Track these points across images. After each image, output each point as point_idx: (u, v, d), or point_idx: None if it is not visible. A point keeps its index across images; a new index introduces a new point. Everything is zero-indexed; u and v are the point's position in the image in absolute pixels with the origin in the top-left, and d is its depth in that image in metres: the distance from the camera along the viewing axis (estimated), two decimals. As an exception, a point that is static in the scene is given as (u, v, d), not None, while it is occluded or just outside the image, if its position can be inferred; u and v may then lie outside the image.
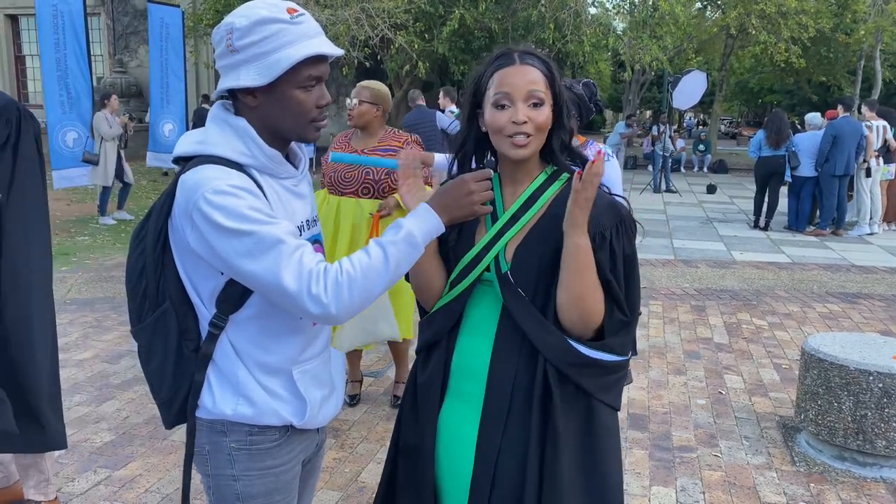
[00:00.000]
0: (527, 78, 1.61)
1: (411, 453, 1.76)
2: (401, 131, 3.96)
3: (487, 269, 1.68)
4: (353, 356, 4.20)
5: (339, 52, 1.49)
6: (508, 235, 1.67)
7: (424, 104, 9.45)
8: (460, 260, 1.71)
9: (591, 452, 1.66)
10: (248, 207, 1.39)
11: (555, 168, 1.72)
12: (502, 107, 1.61)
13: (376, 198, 3.81)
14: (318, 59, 1.47)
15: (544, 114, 1.62)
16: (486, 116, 1.65)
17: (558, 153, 1.70)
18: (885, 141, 10.12)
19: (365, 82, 3.93)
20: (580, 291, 1.59)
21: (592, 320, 1.63)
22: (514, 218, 1.68)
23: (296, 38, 1.43)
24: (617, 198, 1.71)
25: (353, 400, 4.17)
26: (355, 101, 3.81)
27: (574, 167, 1.73)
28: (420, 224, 1.49)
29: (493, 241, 1.68)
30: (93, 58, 9.84)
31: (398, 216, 3.75)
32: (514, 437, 1.65)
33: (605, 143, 14.11)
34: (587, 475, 1.65)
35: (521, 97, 1.60)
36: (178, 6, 11.85)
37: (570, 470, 1.62)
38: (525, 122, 1.59)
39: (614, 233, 1.64)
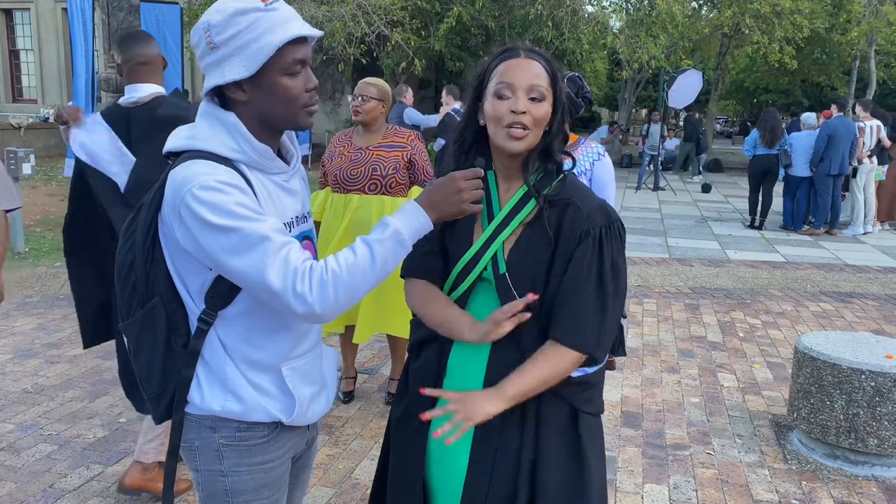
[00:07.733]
0: (531, 71, 1.61)
1: (401, 444, 1.75)
2: (401, 128, 3.95)
3: (485, 268, 1.67)
4: (349, 353, 4.19)
5: (318, 32, 1.49)
6: (504, 234, 1.65)
7: (405, 100, 9.45)
8: (458, 261, 1.69)
9: (576, 460, 1.66)
10: (235, 203, 1.38)
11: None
12: (503, 97, 1.61)
13: (383, 193, 3.78)
14: (300, 42, 1.47)
15: (543, 109, 1.61)
16: (485, 107, 1.64)
17: (551, 153, 1.67)
18: (880, 140, 10.14)
19: (369, 79, 3.88)
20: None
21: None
22: (509, 217, 1.66)
23: (274, 25, 1.43)
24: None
25: (347, 396, 4.17)
26: (359, 98, 3.78)
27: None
28: (408, 222, 1.48)
29: (490, 240, 1.66)
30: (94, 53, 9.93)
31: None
32: (509, 444, 1.64)
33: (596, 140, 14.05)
34: (573, 482, 1.65)
35: (522, 88, 1.59)
36: (176, 3, 11.81)
37: (556, 478, 1.63)
38: (524, 113, 1.58)
39: (604, 233, 1.62)
